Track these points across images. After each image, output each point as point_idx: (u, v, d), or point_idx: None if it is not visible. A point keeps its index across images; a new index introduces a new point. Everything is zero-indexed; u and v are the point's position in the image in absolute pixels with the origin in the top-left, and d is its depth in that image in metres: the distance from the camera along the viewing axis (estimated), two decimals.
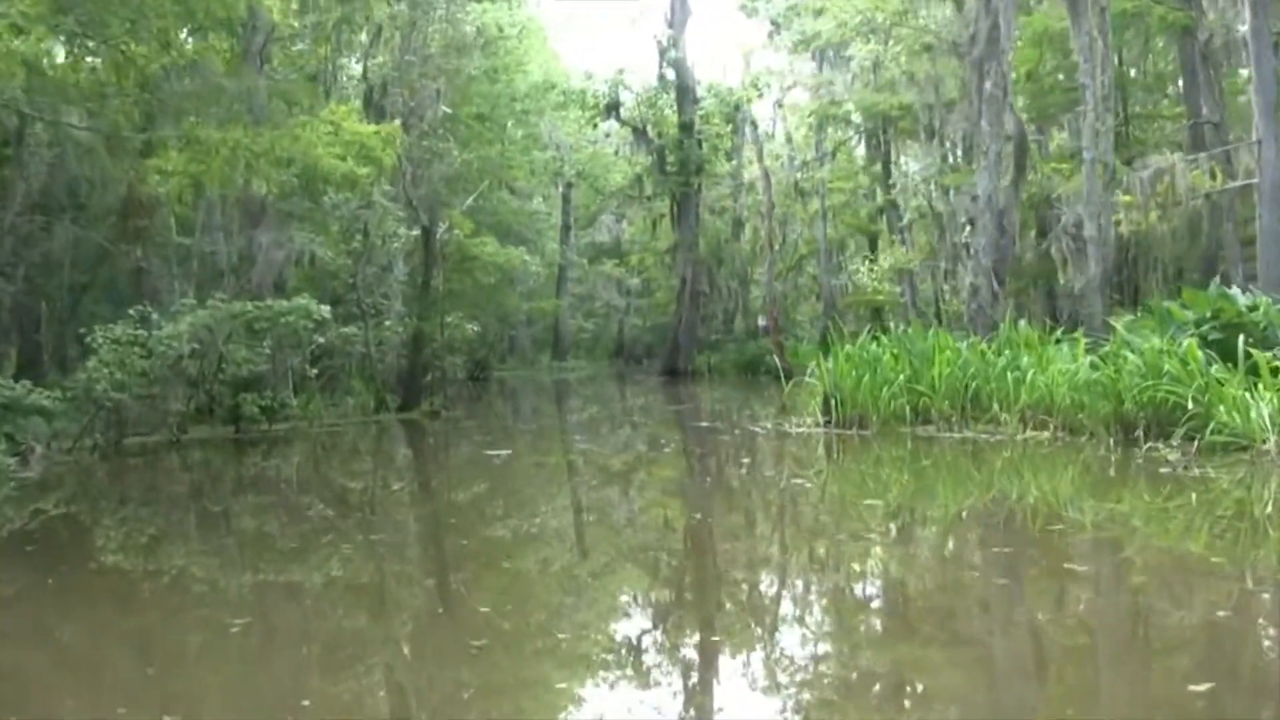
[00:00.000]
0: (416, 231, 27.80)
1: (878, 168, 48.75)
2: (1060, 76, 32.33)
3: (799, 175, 50.74)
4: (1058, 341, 18.31)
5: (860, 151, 54.40)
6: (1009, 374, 17.21)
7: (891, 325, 53.63)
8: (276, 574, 9.43)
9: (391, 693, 6.20)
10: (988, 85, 20.36)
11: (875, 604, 8.17)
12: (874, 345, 19.08)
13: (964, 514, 11.60)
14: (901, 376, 17.97)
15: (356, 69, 33.53)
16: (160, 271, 24.73)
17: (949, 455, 15.66)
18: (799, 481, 14.62)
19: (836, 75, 44.82)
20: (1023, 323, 20.29)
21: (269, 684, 6.21)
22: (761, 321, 56.27)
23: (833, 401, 18.31)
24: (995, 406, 17.03)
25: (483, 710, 5.68)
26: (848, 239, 58.32)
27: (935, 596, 8.11)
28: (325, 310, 20.77)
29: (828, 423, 18.40)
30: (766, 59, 51.72)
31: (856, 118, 47.53)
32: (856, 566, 9.11)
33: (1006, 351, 18.06)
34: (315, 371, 23.26)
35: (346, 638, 7.18)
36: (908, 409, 17.81)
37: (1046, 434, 16.07)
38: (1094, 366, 15.79)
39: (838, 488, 13.88)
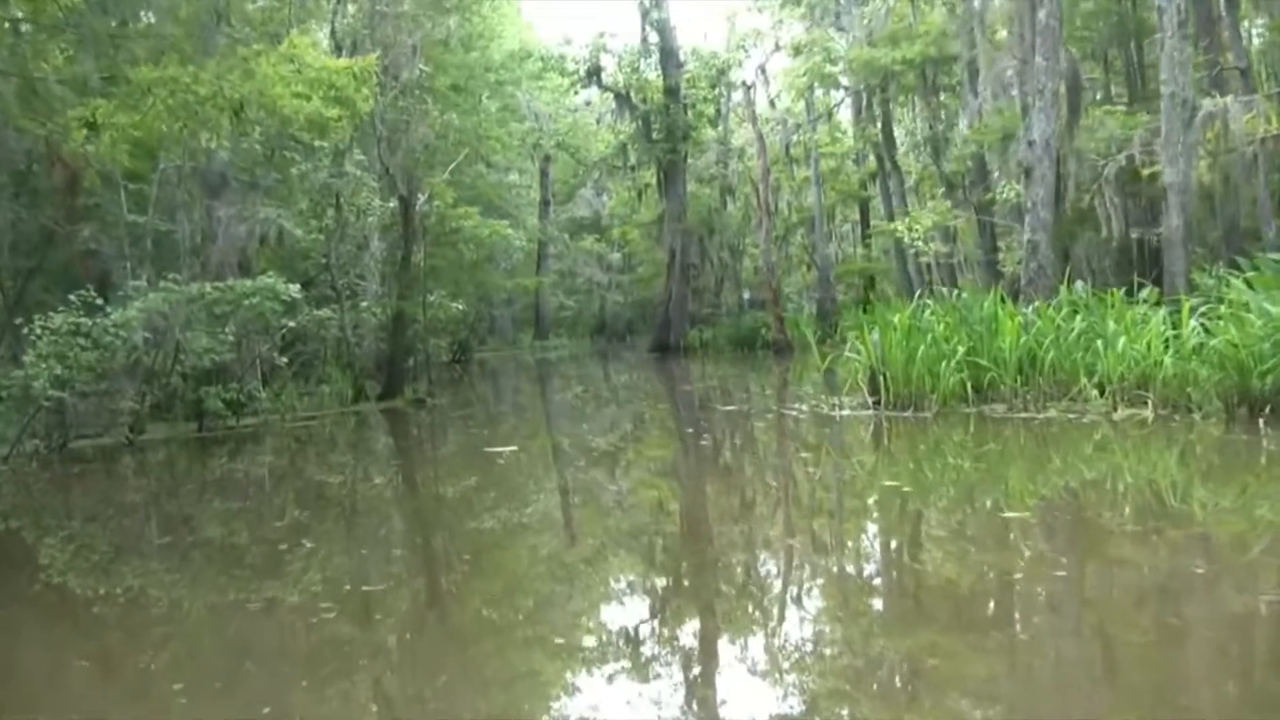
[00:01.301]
0: (393, 203, 25.49)
1: (873, 129, 46.58)
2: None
3: (793, 139, 48.39)
4: (1134, 303, 15.99)
5: (846, 115, 52.39)
6: (1095, 342, 14.93)
7: (888, 295, 52.50)
8: (246, 593, 8.04)
9: None
10: (1041, 15, 18.05)
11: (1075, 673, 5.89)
12: (926, 313, 16.65)
13: (1110, 526, 8.97)
14: (960, 349, 15.61)
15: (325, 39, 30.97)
16: (113, 253, 22.26)
17: (1039, 442, 13.33)
18: (893, 484, 11.10)
19: (831, 32, 42.66)
20: (1080, 284, 18.09)
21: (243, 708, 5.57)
22: (746, 295, 54.28)
23: (881, 379, 16.00)
24: (1083, 380, 14.71)
25: None
26: (838, 206, 56.25)
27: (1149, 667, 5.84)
28: (295, 290, 18.36)
29: (876, 403, 16.09)
30: (752, 21, 49.65)
31: (845, 80, 45.37)
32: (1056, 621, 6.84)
33: (1079, 317, 15.76)
34: (285, 359, 20.94)
35: (324, 672, 6.20)
36: (968, 386, 15.50)
37: (1146, 412, 13.81)
38: (1207, 331, 13.49)
39: (942, 494, 10.73)
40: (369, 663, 6.34)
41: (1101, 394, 14.45)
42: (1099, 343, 14.91)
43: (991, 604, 6.97)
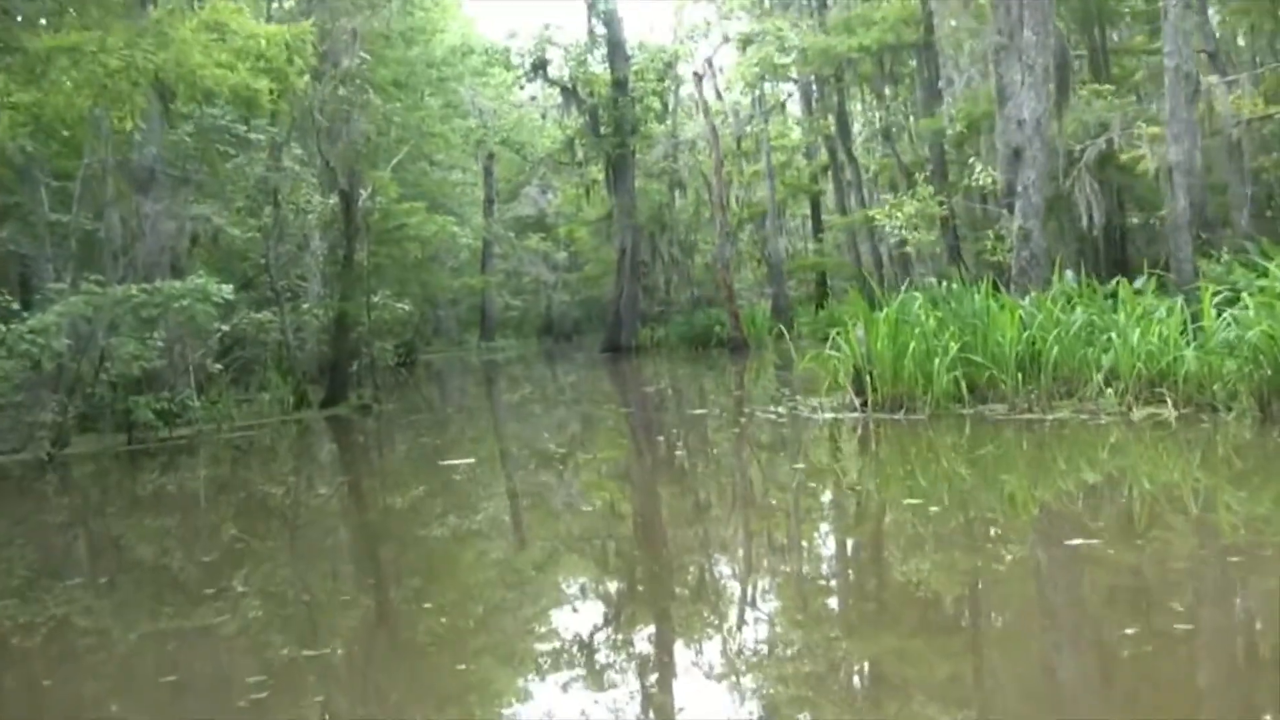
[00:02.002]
0: (334, 199, 24.11)
1: (826, 121, 45.59)
2: None
3: (746, 130, 47.35)
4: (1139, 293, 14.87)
5: (795, 109, 51.47)
6: (1104, 336, 13.82)
7: (842, 290, 51.61)
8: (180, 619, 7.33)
9: None
10: None
11: None
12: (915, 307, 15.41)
13: (1182, 558, 7.63)
14: (953, 345, 14.42)
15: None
16: (35, 255, 20.80)
17: (1057, 447, 12.10)
18: (915, 504, 9.43)
19: (781, 23, 41.48)
20: (1070, 274, 17.00)
21: None
22: (693, 292, 53.18)
23: (868, 378, 14.81)
24: (1094, 377, 13.56)
25: None
26: (787, 201, 55.36)
27: None
28: (228, 291, 16.96)
29: (863, 404, 14.88)
30: (700, 12, 48.46)
31: (796, 71, 44.31)
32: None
33: (1080, 309, 14.63)
34: (222, 366, 19.59)
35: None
36: (962, 386, 14.31)
37: (1166, 411, 12.70)
38: (1240, 323, 12.35)
39: (977, 518, 9.10)
40: None
41: (1113, 392, 13.31)
42: (1108, 337, 13.76)
43: (1091, 678, 5.76)
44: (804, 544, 8.90)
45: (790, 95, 50.07)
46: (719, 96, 50.41)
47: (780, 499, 10.94)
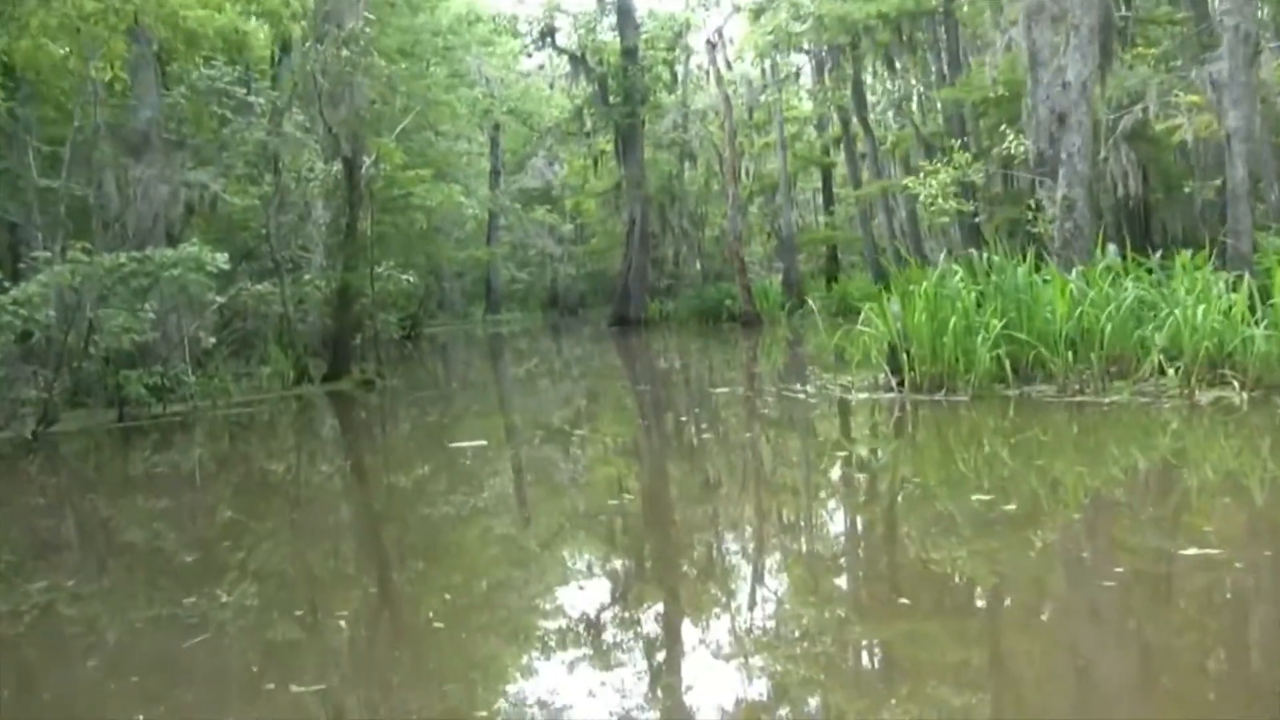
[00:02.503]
0: (337, 166, 23.15)
1: (840, 92, 44.61)
2: None
3: (761, 99, 46.43)
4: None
5: (806, 80, 50.44)
6: (1161, 313, 12.88)
7: (852, 264, 50.75)
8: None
9: None
10: None
11: None
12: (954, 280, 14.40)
13: None
14: (995, 321, 13.48)
15: None
16: (24, 223, 19.92)
17: (1129, 433, 11.07)
18: (985, 499, 8.25)
19: None
20: (1113, 248, 16.03)
21: None
22: (698, 265, 52.23)
23: (904, 356, 13.88)
24: (1154, 357, 12.62)
25: None
26: (798, 174, 54.42)
27: None
28: (222, 260, 16.01)
29: (900, 384, 13.95)
30: None
31: (809, 41, 43.26)
32: None
33: (1129, 284, 13.67)
34: (214, 340, 18.70)
35: None
36: (1006, 365, 13.37)
37: (1232, 394, 11.79)
38: None
39: (1069, 520, 7.98)
40: None
41: (1174, 373, 12.37)
42: (1165, 314, 12.81)
43: None
44: (872, 554, 7.85)
45: (804, 65, 49.08)
46: (729, 67, 49.53)
47: (836, 496, 9.91)
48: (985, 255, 14.81)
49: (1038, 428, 11.67)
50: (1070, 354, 13.09)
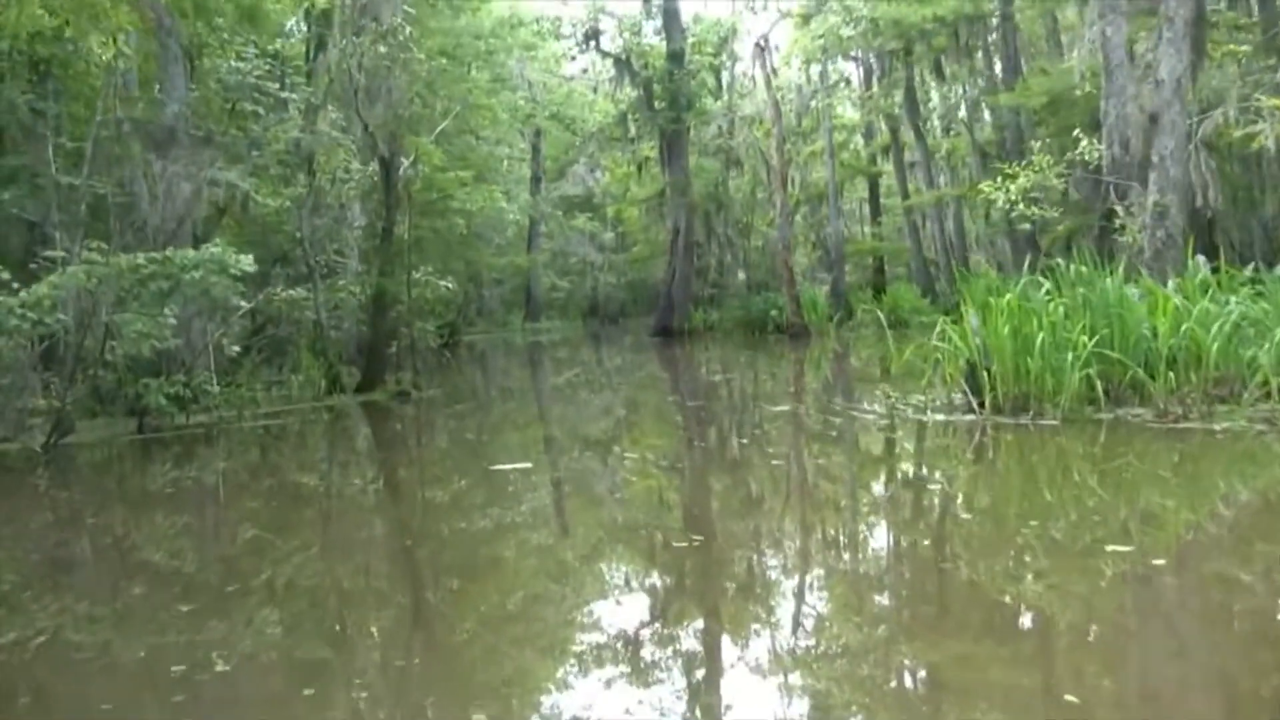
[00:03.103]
0: (373, 167, 22.21)
1: (890, 100, 43.58)
2: None
3: (810, 105, 45.43)
4: None
5: (854, 88, 49.43)
6: (1272, 332, 11.70)
7: (899, 276, 49.60)
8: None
9: None
10: None
11: None
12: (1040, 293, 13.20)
13: None
14: (1085, 339, 12.30)
15: None
16: (43, 221, 19.00)
17: (1242, 465, 9.84)
18: (1118, 550, 7.03)
19: None
20: (1202, 259, 14.80)
21: None
22: (741, 275, 51.11)
23: (985, 375, 12.72)
24: (1274, 380, 11.42)
25: None
26: (845, 184, 53.37)
27: None
28: (247, 263, 14.96)
29: (980, 405, 12.79)
30: None
31: (858, 48, 42.26)
32: None
33: (1233, 299, 12.50)
34: (241, 347, 17.74)
35: None
36: (1098, 386, 12.19)
37: None
38: None
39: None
40: None
41: None
42: (1275, 332, 11.62)
43: None
44: (990, 616, 6.38)
45: (855, 70, 48.17)
46: (774, 74, 48.58)
47: (936, 541, 8.22)
48: (1072, 265, 13.62)
49: (1143, 457, 10.42)
50: (1171, 375, 11.92)
